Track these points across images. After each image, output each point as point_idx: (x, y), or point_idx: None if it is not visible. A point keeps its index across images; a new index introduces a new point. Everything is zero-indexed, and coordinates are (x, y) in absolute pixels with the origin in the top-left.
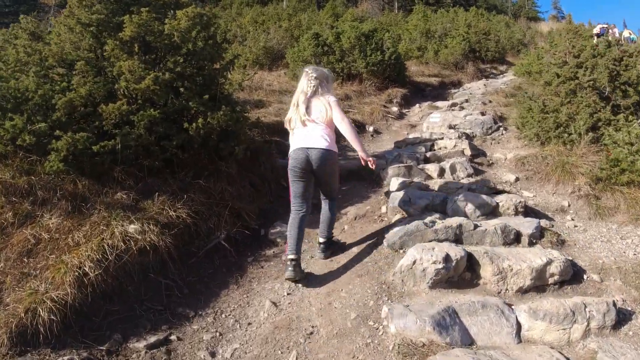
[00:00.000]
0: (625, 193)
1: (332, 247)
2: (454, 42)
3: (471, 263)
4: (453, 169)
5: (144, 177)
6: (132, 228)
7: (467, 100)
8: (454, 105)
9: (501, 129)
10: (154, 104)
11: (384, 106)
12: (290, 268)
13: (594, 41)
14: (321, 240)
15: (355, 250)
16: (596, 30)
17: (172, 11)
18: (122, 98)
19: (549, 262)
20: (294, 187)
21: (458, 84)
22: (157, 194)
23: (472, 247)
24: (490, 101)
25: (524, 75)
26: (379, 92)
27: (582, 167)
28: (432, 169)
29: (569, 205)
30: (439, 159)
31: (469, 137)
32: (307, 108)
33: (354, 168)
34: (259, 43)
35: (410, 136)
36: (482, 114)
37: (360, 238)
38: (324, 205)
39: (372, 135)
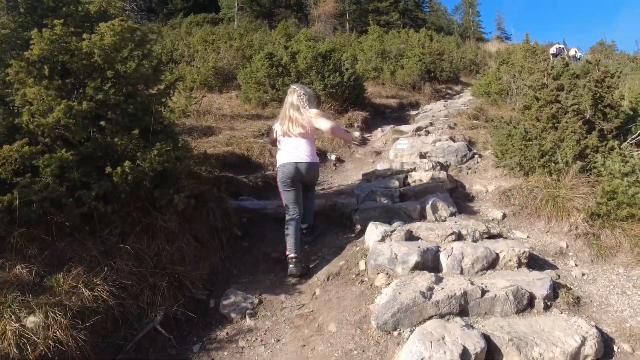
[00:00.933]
0: (626, 229)
1: (315, 231)
2: (410, 62)
3: (489, 349)
4: (434, 208)
5: (52, 241)
6: (31, 322)
7: (431, 124)
8: (419, 129)
9: (476, 156)
10: (67, 142)
11: (345, 131)
12: (292, 265)
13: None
14: (304, 226)
15: (333, 328)
16: (552, 50)
17: (97, 25)
18: (26, 136)
19: (583, 342)
20: (287, 196)
21: (416, 105)
22: (69, 264)
23: (486, 325)
24: (455, 124)
25: (483, 95)
26: (338, 115)
27: (574, 201)
28: (411, 208)
29: (568, 247)
30: (416, 195)
31: (443, 167)
32: (295, 121)
33: (320, 209)
34: (208, 63)
35: (379, 167)
36: (452, 139)
37: (338, 310)
38: (310, 196)
39: (334, 165)
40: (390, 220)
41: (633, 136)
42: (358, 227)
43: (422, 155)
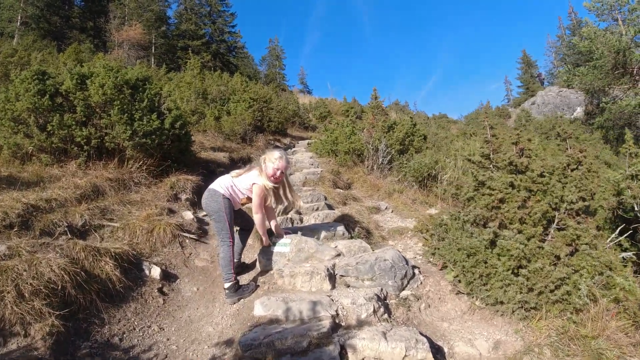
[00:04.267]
0: None
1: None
2: (239, 108)
3: None
4: None
5: None
6: None
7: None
8: (286, 210)
9: (416, 273)
10: None
11: (170, 210)
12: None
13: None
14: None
15: None
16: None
17: None
18: None
19: None
20: None
21: (249, 161)
22: None
23: None
24: (326, 198)
25: (329, 154)
26: (154, 180)
27: None
28: None
29: None
30: None
31: (381, 300)
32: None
33: None
34: None
35: (260, 311)
36: (365, 247)
37: None
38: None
39: (160, 291)
40: None
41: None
42: None
43: (332, 277)
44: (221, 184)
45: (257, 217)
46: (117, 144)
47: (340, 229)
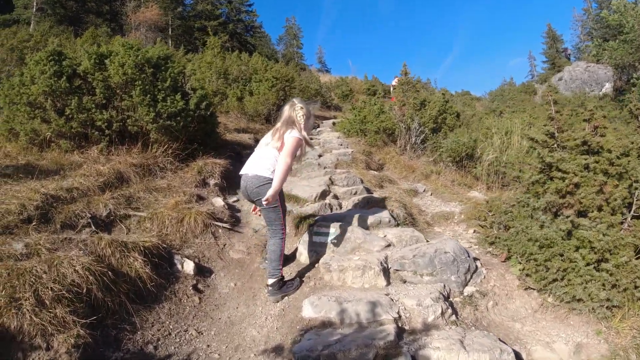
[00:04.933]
0: None
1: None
2: (262, 87)
3: None
4: None
5: None
6: None
7: (331, 181)
8: (324, 195)
9: (478, 266)
10: None
11: (199, 197)
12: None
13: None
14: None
15: None
16: (394, 82)
17: None
18: None
19: None
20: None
21: None
22: None
23: None
24: (376, 185)
25: (357, 134)
26: (181, 165)
27: None
28: None
29: None
30: None
31: (446, 299)
32: (276, 133)
33: None
34: None
35: (311, 312)
36: (418, 236)
37: None
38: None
39: (194, 288)
40: None
41: None
42: None
43: (386, 271)
44: (267, 166)
45: (286, 162)
46: (140, 127)
47: (385, 215)
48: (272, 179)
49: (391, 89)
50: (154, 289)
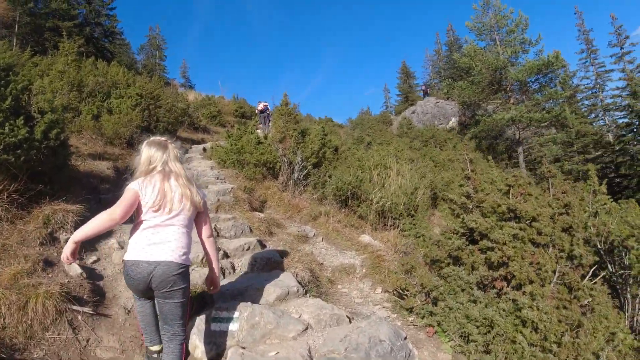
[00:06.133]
0: None
1: None
2: (124, 105)
3: None
4: None
5: None
6: None
7: (217, 233)
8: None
9: (410, 347)
10: None
11: (46, 262)
12: None
13: (256, 118)
14: None
15: None
16: (260, 107)
17: None
18: None
19: None
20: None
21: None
22: None
23: None
24: (265, 233)
25: (234, 165)
26: (20, 213)
27: None
28: None
29: None
30: None
31: None
32: (187, 197)
33: None
34: None
35: None
36: (339, 315)
37: None
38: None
39: None
40: None
41: None
42: None
43: None
44: (183, 243)
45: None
46: None
47: (292, 282)
48: (189, 264)
49: (256, 111)
50: None
